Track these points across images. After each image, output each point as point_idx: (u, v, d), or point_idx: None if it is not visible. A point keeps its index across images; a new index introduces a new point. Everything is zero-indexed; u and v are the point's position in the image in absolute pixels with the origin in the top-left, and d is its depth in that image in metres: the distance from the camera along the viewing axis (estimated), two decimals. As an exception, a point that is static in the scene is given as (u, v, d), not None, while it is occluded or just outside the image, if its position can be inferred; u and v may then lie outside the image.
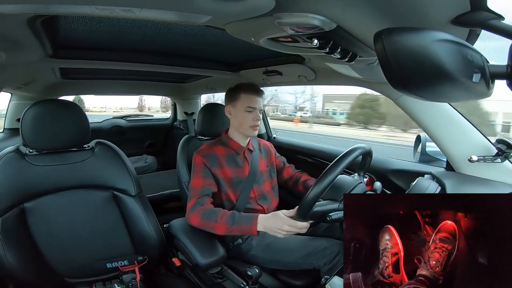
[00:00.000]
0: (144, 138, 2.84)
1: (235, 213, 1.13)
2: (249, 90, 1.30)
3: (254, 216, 1.09)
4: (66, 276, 1.10)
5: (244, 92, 1.30)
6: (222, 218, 1.12)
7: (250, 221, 1.08)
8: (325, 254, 1.10)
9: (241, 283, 1.09)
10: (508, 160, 0.97)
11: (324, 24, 0.62)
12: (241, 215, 1.12)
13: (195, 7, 0.60)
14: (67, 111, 1.14)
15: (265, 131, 2.18)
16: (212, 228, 1.14)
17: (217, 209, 1.18)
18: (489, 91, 0.46)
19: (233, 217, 1.11)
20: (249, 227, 1.08)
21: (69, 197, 1.13)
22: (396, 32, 0.42)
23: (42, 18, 0.77)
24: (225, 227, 1.11)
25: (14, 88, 1.77)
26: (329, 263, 1.08)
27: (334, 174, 0.90)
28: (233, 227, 1.10)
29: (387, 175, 1.35)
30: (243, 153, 1.35)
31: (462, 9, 0.53)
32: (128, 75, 2.03)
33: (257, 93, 1.30)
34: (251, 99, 1.28)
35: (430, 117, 1.07)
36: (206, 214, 1.15)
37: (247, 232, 1.10)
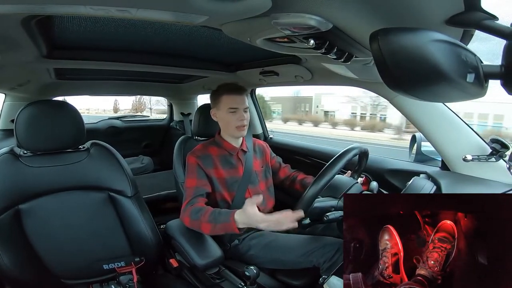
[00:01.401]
0: (141, 138, 2.83)
1: (215, 211, 1.11)
2: (230, 90, 1.28)
3: (231, 213, 1.07)
4: (63, 278, 1.10)
5: (225, 93, 1.28)
6: (205, 216, 1.10)
7: (227, 218, 1.06)
8: (324, 251, 1.11)
9: (239, 283, 1.09)
10: (503, 159, 0.98)
11: (321, 25, 0.62)
12: (220, 212, 1.11)
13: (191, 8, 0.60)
14: (62, 112, 1.13)
15: (262, 131, 2.18)
16: (199, 227, 1.13)
17: (203, 207, 1.16)
18: (483, 91, 0.46)
19: (214, 216, 1.10)
20: (228, 225, 1.06)
21: (64, 198, 1.13)
22: (391, 32, 0.42)
23: (37, 18, 0.77)
24: (210, 225, 1.09)
25: (8, 89, 1.75)
26: (329, 261, 1.09)
27: (332, 172, 0.91)
28: (216, 225, 1.08)
29: (383, 174, 1.36)
30: (236, 154, 1.34)
31: (456, 10, 0.54)
32: (124, 75, 2.02)
33: (238, 92, 1.28)
34: (232, 99, 1.27)
35: (425, 117, 1.08)
36: (193, 213, 1.14)
37: (229, 230, 1.08)
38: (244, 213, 1.04)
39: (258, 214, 1.01)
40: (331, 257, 1.09)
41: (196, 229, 1.15)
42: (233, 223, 1.05)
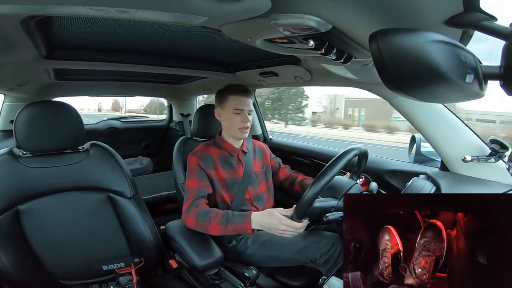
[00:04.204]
0: (140, 139, 2.83)
1: (228, 212, 1.12)
2: (237, 91, 1.28)
3: (248, 214, 1.07)
4: (62, 278, 1.09)
5: (232, 93, 1.28)
6: (216, 218, 1.10)
7: (243, 219, 1.07)
8: (320, 246, 1.11)
9: (238, 284, 1.09)
10: (502, 160, 0.98)
11: (320, 25, 0.63)
12: (234, 214, 1.11)
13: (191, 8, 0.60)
14: (61, 113, 1.13)
15: (261, 132, 2.18)
16: (206, 229, 1.13)
17: (211, 209, 1.17)
18: (482, 91, 0.46)
19: (227, 217, 1.10)
20: (243, 225, 1.06)
21: (63, 199, 1.12)
22: (391, 33, 0.42)
23: (36, 19, 0.77)
24: (219, 227, 1.09)
25: (8, 89, 1.75)
26: (325, 255, 1.10)
27: (332, 173, 0.91)
28: (228, 226, 1.08)
29: (383, 175, 1.36)
30: (237, 155, 1.35)
31: (455, 10, 0.54)
32: (123, 76, 2.03)
33: (245, 94, 1.29)
34: (238, 101, 1.27)
35: (424, 117, 1.08)
36: (200, 215, 1.14)
37: (241, 230, 1.08)
38: (267, 213, 1.03)
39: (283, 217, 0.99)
40: (326, 251, 1.10)
41: (201, 230, 1.15)
42: (248, 223, 1.05)
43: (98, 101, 15.10)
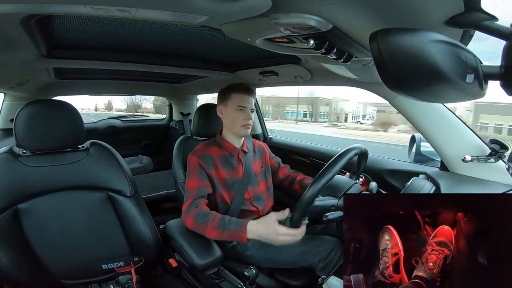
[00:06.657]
0: (140, 138, 2.82)
1: (225, 218, 1.10)
2: (240, 89, 1.30)
3: (244, 222, 1.05)
4: (62, 277, 1.09)
5: (235, 91, 1.30)
6: (213, 222, 1.09)
7: (239, 227, 1.04)
8: (319, 251, 1.11)
9: (238, 283, 1.09)
10: (502, 160, 0.98)
11: (320, 25, 0.63)
12: (231, 220, 1.09)
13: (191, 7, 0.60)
14: (61, 112, 1.13)
15: (261, 131, 2.18)
16: (204, 231, 1.12)
17: (210, 212, 1.15)
18: (482, 91, 0.46)
19: (224, 222, 1.08)
20: (238, 234, 1.04)
21: (63, 198, 1.12)
22: (391, 33, 0.42)
23: (36, 18, 0.77)
24: (216, 231, 1.08)
25: (8, 88, 1.75)
26: (324, 260, 1.10)
27: (331, 173, 0.91)
28: (224, 232, 1.07)
29: (382, 175, 1.36)
30: (237, 155, 1.35)
31: (456, 10, 0.54)
32: (123, 75, 2.02)
33: (248, 92, 1.31)
34: (241, 98, 1.29)
35: (424, 117, 1.08)
36: (199, 216, 1.13)
37: (237, 238, 1.06)
38: (263, 224, 1.00)
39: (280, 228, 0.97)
40: (325, 256, 1.10)
41: (199, 232, 1.14)
42: (244, 232, 1.03)
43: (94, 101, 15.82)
